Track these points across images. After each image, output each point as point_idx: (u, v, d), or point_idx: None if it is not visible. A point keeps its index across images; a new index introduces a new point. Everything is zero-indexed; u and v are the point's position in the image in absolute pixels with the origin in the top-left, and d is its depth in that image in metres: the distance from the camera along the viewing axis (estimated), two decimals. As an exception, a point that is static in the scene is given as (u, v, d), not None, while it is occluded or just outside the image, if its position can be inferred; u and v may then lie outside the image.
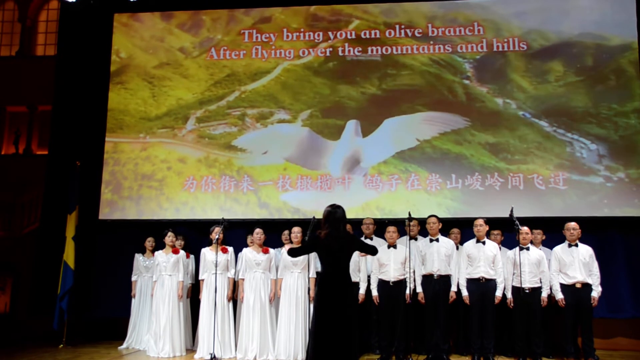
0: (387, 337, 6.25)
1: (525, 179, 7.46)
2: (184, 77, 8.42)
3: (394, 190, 7.61)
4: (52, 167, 8.34)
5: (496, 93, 7.82)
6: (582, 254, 6.20)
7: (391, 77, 8.06)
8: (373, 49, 8.11)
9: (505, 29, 7.98)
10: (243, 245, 6.99)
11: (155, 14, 8.61)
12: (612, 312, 7.07)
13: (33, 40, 11.86)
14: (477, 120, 7.74)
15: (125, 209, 7.95)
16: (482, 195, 7.46)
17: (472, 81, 7.91)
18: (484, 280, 6.17)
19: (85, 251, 7.85)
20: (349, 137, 7.91)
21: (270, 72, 8.28)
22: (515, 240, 6.22)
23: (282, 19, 8.41)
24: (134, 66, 8.49)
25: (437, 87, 7.92)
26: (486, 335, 6.13)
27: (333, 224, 4.59)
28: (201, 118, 8.24)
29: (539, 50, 7.86)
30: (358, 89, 8.08)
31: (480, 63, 7.94)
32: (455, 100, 7.86)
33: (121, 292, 7.64)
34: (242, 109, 8.20)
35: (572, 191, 7.36)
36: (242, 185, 7.84)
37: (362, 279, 6.44)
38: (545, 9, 7.92)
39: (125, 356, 6.79)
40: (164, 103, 8.36)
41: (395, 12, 8.22)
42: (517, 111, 7.72)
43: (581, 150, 7.53)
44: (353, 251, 4.73)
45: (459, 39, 8.02)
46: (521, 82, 7.82)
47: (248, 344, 6.43)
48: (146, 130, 8.26)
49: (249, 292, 6.54)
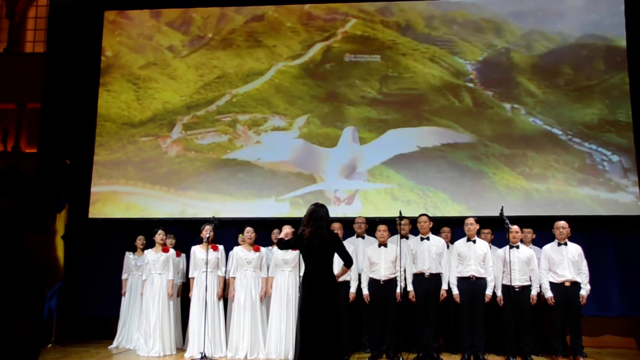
0: (377, 336, 6.26)
1: (552, 201, 7.21)
2: (172, 78, 8.11)
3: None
4: (41, 165, 8.27)
5: (503, 97, 7.56)
6: (572, 252, 6.24)
7: (392, 79, 7.76)
8: (372, 50, 7.83)
9: (506, 29, 7.74)
10: (234, 243, 6.97)
11: (144, 11, 8.42)
12: (601, 311, 7.13)
13: (22, 37, 11.76)
14: (488, 128, 7.49)
15: (115, 208, 7.89)
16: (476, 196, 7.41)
17: (475, 84, 7.64)
18: (474, 278, 6.20)
19: (75, 250, 7.80)
20: (346, 144, 7.65)
21: (264, 73, 7.96)
22: (506, 238, 6.25)
23: (275, 17, 8.16)
24: (118, 66, 8.25)
25: (441, 91, 7.64)
26: (476, 333, 6.15)
27: (316, 223, 4.57)
28: (188, 125, 7.92)
29: (546, 52, 7.61)
30: (357, 92, 7.81)
31: (483, 65, 7.67)
32: (462, 105, 7.61)
33: (111, 291, 7.60)
34: (233, 115, 7.87)
35: (601, 207, 7.16)
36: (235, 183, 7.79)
37: (353, 277, 6.45)
38: (542, 8, 7.73)
39: (115, 355, 6.76)
40: (149, 107, 8.04)
41: (392, 10, 7.98)
42: (527, 117, 7.46)
43: (603, 163, 7.24)
44: (335, 251, 4.70)
45: (458, 39, 7.77)
46: (528, 85, 7.56)
47: (239, 343, 6.42)
48: (128, 137, 7.99)
49: (239, 291, 6.53)
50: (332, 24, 8.02)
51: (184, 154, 7.91)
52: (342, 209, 7.48)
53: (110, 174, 7.99)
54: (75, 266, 7.80)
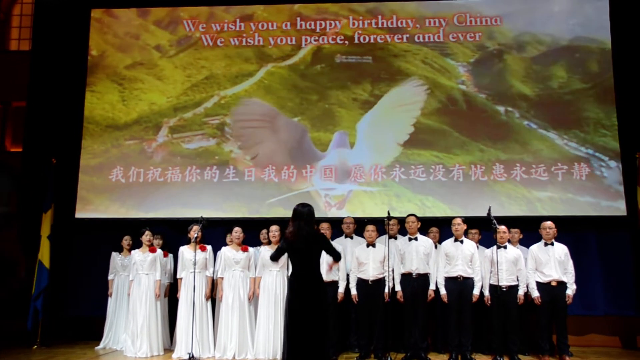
0: (366, 336, 6.28)
1: (540, 201, 7.25)
2: (158, 78, 7.98)
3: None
4: (27, 164, 8.18)
5: (496, 100, 7.53)
6: (558, 252, 6.30)
7: (384, 81, 7.70)
8: (363, 51, 7.76)
9: (496, 30, 7.72)
10: (222, 244, 6.94)
11: (131, 10, 8.32)
12: (586, 310, 7.21)
13: (6, 34, 11.60)
14: (483, 132, 7.46)
15: (102, 208, 7.81)
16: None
17: (468, 86, 7.60)
18: (462, 278, 6.23)
19: (61, 250, 7.73)
20: (336, 148, 7.61)
21: (253, 75, 7.86)
22: (493, 239, 6.29)
23: (264, 17, 8.10)
24: (103, 66, 8.13)
25: (434, 93, 7.60)
26: (464, 333, 6.19)
27: (297, 223, 4.61)
28: (175, 127, 7.80)
29: (538, 55, 7.61)
30: (349, 94, 7.73)
31: (475, 67, 7.66)
32: (456, 108, 7.57)
33: (97, 291, 7.54)
34: (221, 117, 7.77)
35: (588, 208, 7.20)
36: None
37: (341, 277, 6.45)
38: (532, 9, 7.74)
39: (102, 356, 6.71)
40: (134, 108, 7.90)
41: (382, 11, 7.93)
42: (521, 120, 7.44)
43: (600, 169, 7.25)
44: (321, 250, 4.73)
45: (449, 40, 7.75)
46: (522, 88, 7.53)
47: (227, 343, 6.40)
48: (112, 141, 7.88)
49: (227, 291, 6.51)
50: (322, 24, 7.96)
51: (169, 159, 7.79)
52: (333, 212, 7.46)
53: (96, 174, 7.90)
54: (61, 266, 7.75)
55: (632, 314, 7.21)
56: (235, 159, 7.77)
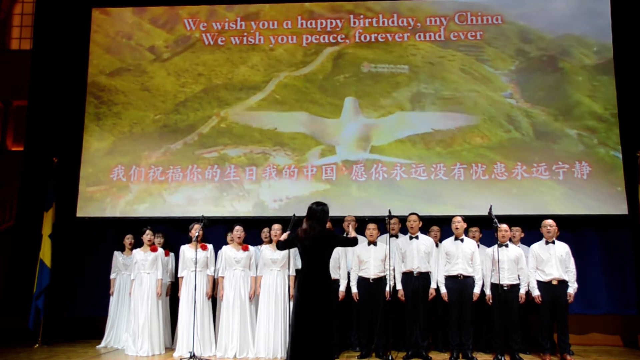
0: (366, 334, 6.28)
1: (540, 199, 7.17)
2: (145, 89, 7.05)
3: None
4: (28, 163, 8.18)
5: (560, 120, 6.73)
6: (559, 251, 6.29)
7: (428, 97, 6.65)
8: (393, 59, 6.77)
9: (533, 32, 6.92)
10: (223, 242, 6.94)
11: (127, 9, 8.05)
12: (588, 308, 7.20)
13: (7, 33, 11.62)
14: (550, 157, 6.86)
15: (103, 207, 7.81)
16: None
17: (518, 101, 6.70)
18: (462, 277, 6.23)
19: (63, 249, 7.73)
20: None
21: (261, 88, 6.68)
22: (494, 237, 6.29)
23: (272, 16, 7.26)
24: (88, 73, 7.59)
25: (494, 117, 6.64)
26: (465, 331, 6.19)
27: (310, 222, 4.62)
28: (158, 162, 6.71)
29: (599, 63, 7.08)
30: (382, 112, 6.58)
31: (519, 76, 6.81)
32: (523, 136, 6.73)
33: (99, 290, 7.56)
34: (222, 147, 6.71)
35: (588, 206, 7.13)
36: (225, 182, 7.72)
37: (342, 276, 6.45)
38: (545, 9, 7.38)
39: (103, 355, 6.71)
40: (108, 135, 6.94)
41: (399, 9, 7.17)
42: (598, 147, 7.03)
43: (601, 168, 7.19)
44: (332, 248, 4.75)
45: (484, 43, 6.85)
46: (591, 105, 6.78)
47: (228, 342, 6.41)
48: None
49: (228, 290, 6.51)
50: (338, 24, 7.19)
51: (170, 159, 7.41)
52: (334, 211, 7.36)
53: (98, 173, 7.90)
54: (63, 265, 7.75)
55: (634, 312, 7.20)
56: (235, 158, 7.72)
